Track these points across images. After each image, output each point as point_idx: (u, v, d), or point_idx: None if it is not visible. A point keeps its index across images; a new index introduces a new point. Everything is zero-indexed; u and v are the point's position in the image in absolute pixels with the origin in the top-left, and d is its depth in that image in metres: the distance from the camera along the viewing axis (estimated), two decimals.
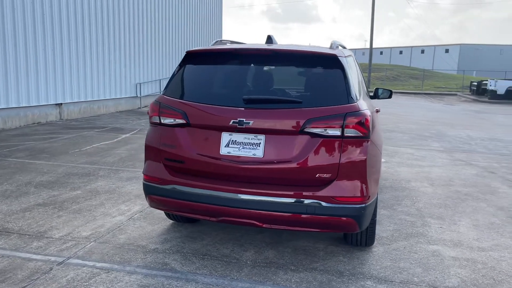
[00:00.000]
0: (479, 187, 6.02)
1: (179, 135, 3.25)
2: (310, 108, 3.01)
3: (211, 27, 22.92)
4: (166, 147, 3.30)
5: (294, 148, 3.01)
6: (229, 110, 3.11)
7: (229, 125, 3.07)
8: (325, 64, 3.23)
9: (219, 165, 3.12)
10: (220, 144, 3.14)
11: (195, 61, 3.53)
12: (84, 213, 4.43)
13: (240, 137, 3.10)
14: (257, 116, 3.05)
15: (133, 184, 5.55)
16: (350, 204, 2.98)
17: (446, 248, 3.80)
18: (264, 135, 3.06)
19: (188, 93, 3.37)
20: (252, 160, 3.06)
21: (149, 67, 16.42)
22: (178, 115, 3.25)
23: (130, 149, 7.97)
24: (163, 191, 3.30)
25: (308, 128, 2.97)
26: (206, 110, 3.19)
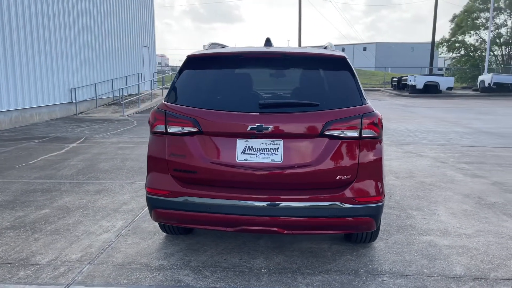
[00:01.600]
0: (439, 177, 6.44)
1: (189, 144, 3.09)
2: (328, 110, 3.01)
3: (144, 28, 22.16)
4: (175, 157, 3.12)
5: (313, 151, 2.99)
6: (245, 116, 3.01)
7: (246, 131, 2.98)
8: (335, 66, 3.24)
9: (235, 173, 3.01)
10: (235, 151, 3.03)
11: (198, 66, 3.37)
12: (64, 234, 4.05)
13: (256, 143, 3.02)
14: (275, 120, 2.98)
15: (105, 198, 5.19)
16: (370, 204, 3.03)
17: (438, 238, 4.01)
18: (281, 139, 3.01)
19: (196, 99, 3.21)
20: (271, 166, 2.99)
21: (84, 70, 15.48)
22: (188, 123, 3.08)
23: (84, 159, 7.44)
24: (173, 204, 3.11)
25: (328, 130, 2.97)
26: (220, 116, 3.06)
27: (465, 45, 41.34)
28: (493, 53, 38.98)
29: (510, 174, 6.65)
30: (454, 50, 42.10)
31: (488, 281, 3.18)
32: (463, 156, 8.15)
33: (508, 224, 4.40)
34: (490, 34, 34.15)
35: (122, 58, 18.98)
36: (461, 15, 40.21)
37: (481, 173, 6.69)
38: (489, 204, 5.09)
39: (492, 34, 35.59)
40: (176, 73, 3.48)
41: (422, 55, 64.87)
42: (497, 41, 38.63)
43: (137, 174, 6.42)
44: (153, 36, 23.82)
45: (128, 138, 9.96)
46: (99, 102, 16.58)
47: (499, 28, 38.65)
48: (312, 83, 3.26)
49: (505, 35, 38.89)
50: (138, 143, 9.25)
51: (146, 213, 4.61)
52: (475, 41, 40.94)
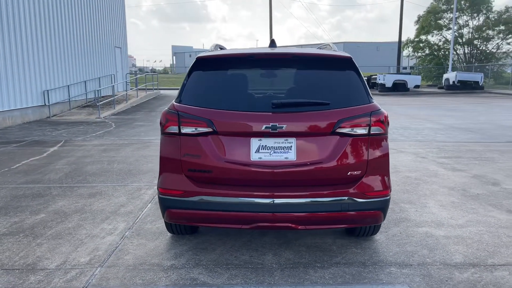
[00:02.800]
0: (422, 171, 6.71)
1: (203, 144, 3.14)
2: (338, 109, 3.13)
3: (116, 29, 21.78)
4: (189, 157, 3.16)
5: (325, 148, 3.10)
6: (259, 115, 3.09)
7: (260, 131, 3.06)
8: (342, 66, 3.37)
9: (250, 172, 3.09)
10: (250, 150, 3.10)
11: (207, 67, 3.42)
12: (67, 238, 4.00)
13: (270, 142, 3.10)
14: (289, 119, 3.08)
15: (101, 201, 5.13)
16: (379, 198, 3.17)
17: (434, 229, 4.21)
18: (294, 138, 3.11)
19: (208, 100, 3.26)
20: (285, 164, 3.08)
21: (56, 72, 15.08)
22: (202, 123, 3.13)
23: (69, 163, 7.30)
24: (188, 203, 3.16)
25: (339, 128, 3.09)
26: (234, 117, 3.13)
27: (430, 45, 42.75)
28: (456, 52, 40.50)
29: (486, 167, 7.00)
30: (419, 50, 43.44)
31: (487, 267, 3.39)
32: (440, 151, 8.50)
33: (495, 214, 4.66)
34: (453, 34, 35.47)
35: (94, 59, 18.60)
36: (425, 16, 41.54)
37: (461, 167, 7.01)
38: (474, 196, 5.36)
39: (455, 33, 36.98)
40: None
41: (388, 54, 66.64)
42: (459, 40, 40.16)
43: (127, 176, 6.36)
44: (125, 37, 23.44)
45: (109, 140, 9.81)
46: (72, 104, 16.18)
47: (461, 28, 40.19)
48: (321, 83, 3.37)
49: (467, 35, 40.48)
50: (122, 145, 9.14)
51: (146, 215, 4.60)
52: (438, 41, 42.40)
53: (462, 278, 3.21)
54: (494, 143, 9.48)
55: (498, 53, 40.30)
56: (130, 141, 9.67)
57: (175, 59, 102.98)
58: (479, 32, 39.23)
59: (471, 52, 41.03)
